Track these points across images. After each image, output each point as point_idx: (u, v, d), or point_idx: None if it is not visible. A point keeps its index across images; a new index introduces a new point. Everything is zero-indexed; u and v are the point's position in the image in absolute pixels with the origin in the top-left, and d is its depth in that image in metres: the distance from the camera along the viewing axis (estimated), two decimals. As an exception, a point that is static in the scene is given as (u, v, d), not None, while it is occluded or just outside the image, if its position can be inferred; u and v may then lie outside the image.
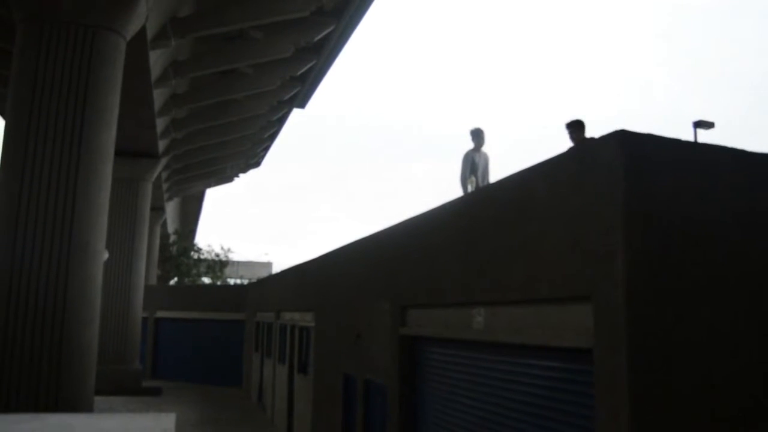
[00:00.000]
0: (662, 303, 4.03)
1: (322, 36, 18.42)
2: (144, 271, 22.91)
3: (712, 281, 4.16)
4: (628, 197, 4.05)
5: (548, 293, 4.74)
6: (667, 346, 4.00)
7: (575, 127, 8.18)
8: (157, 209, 30.11)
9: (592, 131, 7.74)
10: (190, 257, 42.03)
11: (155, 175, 23.11)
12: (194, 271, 41.98)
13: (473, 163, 9.35)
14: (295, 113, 26.00)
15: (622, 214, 4.04)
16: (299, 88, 22.93)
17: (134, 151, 21.09)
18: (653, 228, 4.09)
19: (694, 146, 4.93)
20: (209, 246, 45.36)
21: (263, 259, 60.83)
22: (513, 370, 5.43)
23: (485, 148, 9.63)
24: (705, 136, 18.44)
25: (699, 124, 18.33)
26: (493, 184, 5.77)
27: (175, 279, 40.96)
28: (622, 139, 4.16)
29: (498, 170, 9.12)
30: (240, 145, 28.28)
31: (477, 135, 9.56)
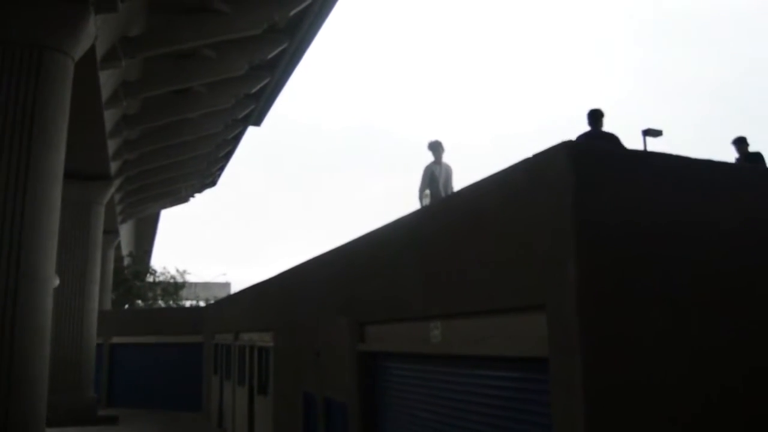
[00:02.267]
0: (614, 309, 4.10)
1: (275, 53, 18.39)
2: (97, 297, 22.32)
3: (663, 286, 4.25)
4: (577, 206, 4.12)
5: (503, 304, 4.78)
6: (620, 353, 4.06)
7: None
8: (111, 232, 29.38)
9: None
10: (143, 280, 41.14)
11: (107, 197, 22.61)
12: (150, 295, 41.09)
13: (432, 176, 9.41)
14: (252, 130, 25.85)
15: (572, 223, 4.10)
16: (254, 106, 22.81)
17: (85, 174, 20.60)
18: (603, 236, 4.16)
19: (642, 154, 5.04)
20: (164, 268, 44.51)
21: (221, 279, 59.84)
22: (471, 381, 5.44)
23: (446, 160, 9.71)
24: (654, 144, 18.85)
25: (648, 132, 18.70)
26: (447, 197, 5.80)
27: (128, 304, 40.01)
28: (570, 149, 4.24)
29: (462, 179, 9.19)
30: (195, 165, 27.92)
31: (435, 148, 9.64)
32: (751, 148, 9.13)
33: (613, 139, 8.06)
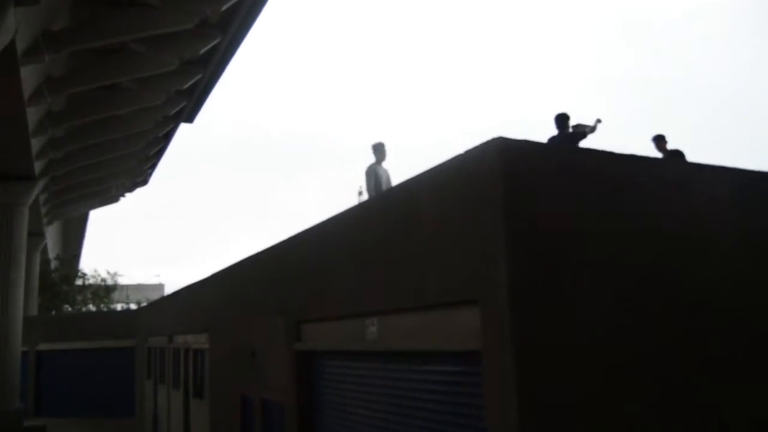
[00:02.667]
0: (545, 303, 4.18)
1: (208, 48, 18.02)
2: (22, 302, 21.41)
3: (591, 280, 4.36)
4: (508, 202, 4.18)
5: (437, 299, 4.81)
6: (551, 344, 4.15)
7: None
8: (36, 234, 28.23)
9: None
10: (72, 284, 39.67)
11: (32, 198, 21.71)
12: (78, 299, 39.68)
13: (377, 176, 9.34)
14: (186, 128, 25.27)
15: (503, 218, 4.16)
16: (186, 103, 22.28)
17: (7, 174, 19.75)
18: (534, 231, 4.24)
19: (570, 150, 5.17)
20: (95, 271, 43.10)
21: (154, 281, 58.36)
22: (407, 377, 5.46)
23: (386, 164, 9.64)
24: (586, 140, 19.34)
25: (576, 128, 19.20)
26: (381, 194, 5.81)
27: (55, 309, 38.50)
28: (500, 145, 4.29)
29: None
30: (125, 164, 27.11)
31: (379, 149, 9.55)
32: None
33: (580, 135, 8.51)
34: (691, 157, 9.10)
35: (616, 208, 4.56)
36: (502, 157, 4.23)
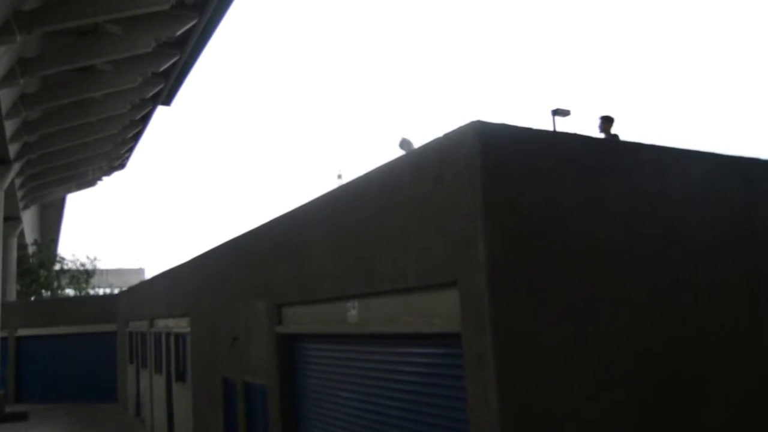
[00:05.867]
0: (522, 284, 4.22)
1: (184, 30, 17.76)
2: (0, 288, 21.21)
3: (567, 261, 4.41)
4: (486, 185, 4.19)
5: (416, 281, 4.84)
6: (529, 325, 4.19)
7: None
8: (12, 219, 27.85)
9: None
10: (49, 269, 39.23)
11: (7, 182, 21.40)
12: (56, 284, 39.27)
13: None
14: (165, 111, 24.94)
15: (482, 202, 4.18)
16: (163, 85, 21.99)
17: (-20, 158, 19.43)
18: (511, 214, 4.27)
19: (547, 134, 5.16)
20: (73, 256, 42.67)
21: (135, 265, 58.05)
22: (388, 359, 5.50)
23: None
24: (563, 124, 19.40)
25: (556, 112, 19.23)
26: (360, 177, 5.79)
27: (34, 295, 38.07)
28: (478, 129, 4.29)
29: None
30: (101, 147, 26.74)
31: (405, 145, 8.91)
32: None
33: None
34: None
35: (593, 190, 4.60)
36: (479, 141, 4.24)
